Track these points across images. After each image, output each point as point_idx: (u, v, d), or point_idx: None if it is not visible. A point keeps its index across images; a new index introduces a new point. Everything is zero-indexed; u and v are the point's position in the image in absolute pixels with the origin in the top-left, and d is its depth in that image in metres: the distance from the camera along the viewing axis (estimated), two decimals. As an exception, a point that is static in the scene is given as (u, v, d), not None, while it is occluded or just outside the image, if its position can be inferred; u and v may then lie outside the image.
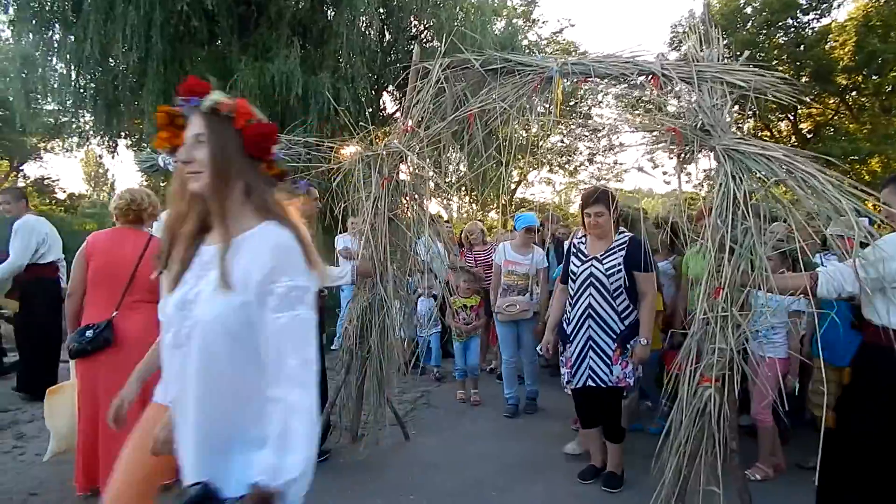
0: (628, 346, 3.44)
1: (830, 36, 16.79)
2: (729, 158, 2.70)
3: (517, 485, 3.70)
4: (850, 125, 17.46)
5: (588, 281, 3.50)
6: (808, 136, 18.03)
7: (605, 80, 3.21)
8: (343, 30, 10.28)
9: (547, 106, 3.54)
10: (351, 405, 4.21)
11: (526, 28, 20.54)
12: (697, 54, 2.95)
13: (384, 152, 3.64)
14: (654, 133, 3.01)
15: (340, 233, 7.13)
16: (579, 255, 3.61)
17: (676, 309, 4.50)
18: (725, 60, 2.92)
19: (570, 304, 3.61)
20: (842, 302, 2.81)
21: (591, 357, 3.47)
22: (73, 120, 12.12)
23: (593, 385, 3.45)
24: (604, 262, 3.47)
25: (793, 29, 17.45)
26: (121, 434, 2.03)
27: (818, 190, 2.50)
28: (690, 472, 2.76)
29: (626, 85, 3.27)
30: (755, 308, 2.69)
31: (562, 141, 21.58)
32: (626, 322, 3.46)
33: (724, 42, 3.03)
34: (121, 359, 2.95)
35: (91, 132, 12.84)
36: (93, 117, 11.71)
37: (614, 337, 3.43)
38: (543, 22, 23.43)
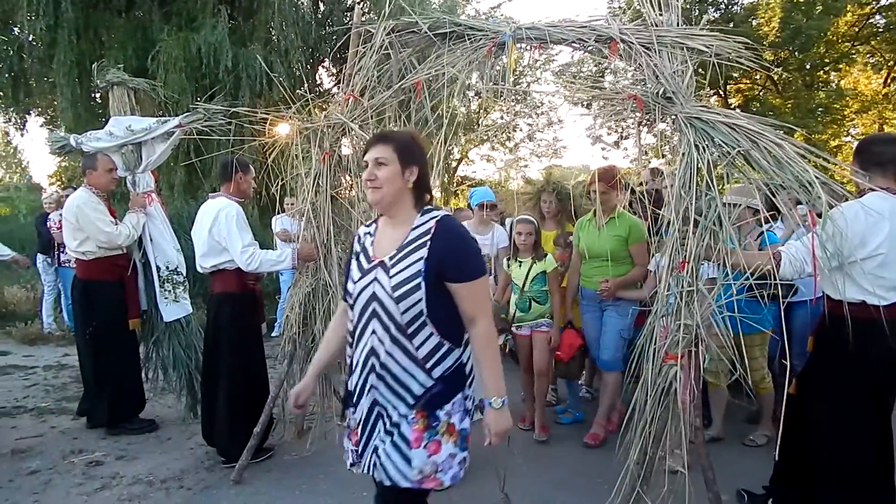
0: (439, 413, 1.90)
1: (758, 12, 17.33)
2: (692, 127, 2.58)
3: (477, 471, 3.55)
4: (776, 100, 18.16)
5: (370, 307, 1.93)
6: (737, 109, 18.66)
7: (561, 46, 3.02)
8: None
9: (496, 75, 3.33)
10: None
11: (464, 3, 20.25)
12: (656, 18, 2.80)
13: (325, 125, 3.35)
14: (613, 102, 2.85)
15: (277, 213, 6.78)
16: (361, 256, 2.05)
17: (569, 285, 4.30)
18: (684, 25, 2.78)
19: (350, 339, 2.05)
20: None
21: (378, 435, 1.96)
22: (-25, 95, 11.08)
23: (388, 485, 1.93)
24: (391, 270, 1.90)
25: (722, 6, 17.92)
26: None
27: (782, 161, 2.42)
28: (655, 453, 2.68)
29: (581, 52, 3.09)
30: (719, 285, 2.58)
31: (502, 117, 21.54)
32: (436, 373, 1.90)
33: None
34: None
35: (-3, 108, 11.80)
36: (-2, 91, 10.74)
37: (412, 402, 1.90)
38: (482, -4, 23.15)
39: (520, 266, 4.06)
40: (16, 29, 9.65)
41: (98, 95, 9.97)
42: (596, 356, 4.15)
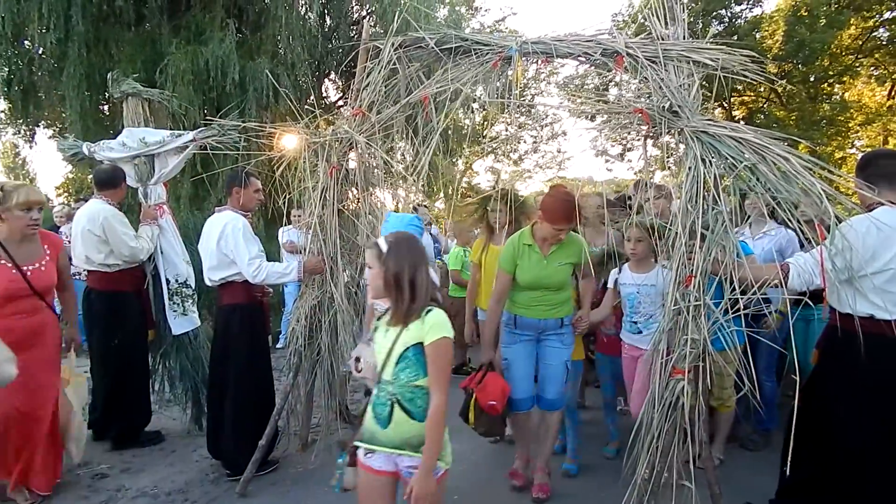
0: None
1: (762, 26, 17.40)
2: (698, 140, 2.59)
3: (484, 486, 3.54)
4: (780, 112, 18.16)
5: None
6: (741, 122, 18.63)
7: (566, 60, 3.05)
8: (281, 13, 9.83)
9: (502, 89, 3.35)
10: (300, 410, 3.97)
11: (469, 16, 20.40)
12: (662, 32, 2.82)
13: (333, 139, 3.38)
14: (619, 115, 2.87)
15: (284, 225, 6.81)
16: None
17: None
18: (690, 38, 2.80)
19: None
20: (717, 289, 2.66)
21: None
22: (-15, 107, 11.19)
23: None
24: None
25: (726, 19, 17.99)
26: None
27: (789, 175, 2.42)
28: (663, 467, 2.66)
29: (586, 66, 3.11)
30: (727, 300, 2.58)
31: (506, 129, 21.61)
32: None
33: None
34: None
35: (6, 120, 11.91)
36: (8, 104, 10.83)
37: None
38: (486, 10, 23.37)
39: (385, 333, 2.17)
40: (27, 42, 9.76)
41: (107, 108, 10.06)
42: (523, 397, 3.38)
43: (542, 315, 3.35)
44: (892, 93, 17.76)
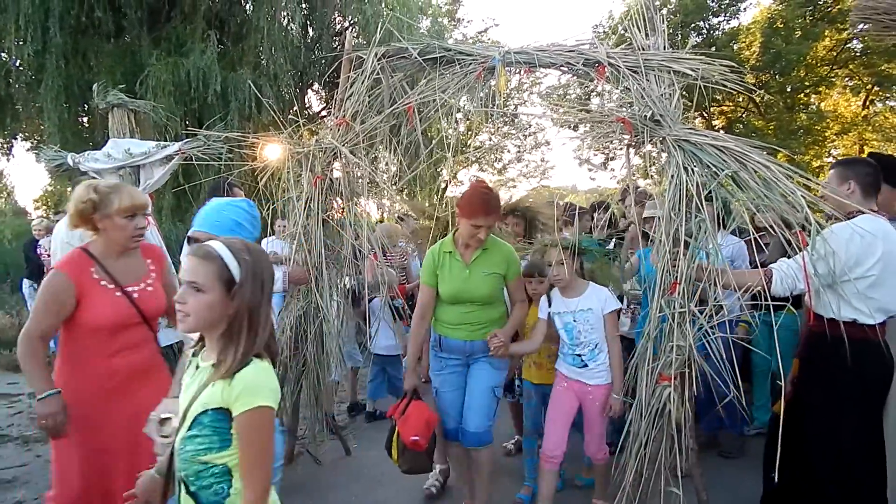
0: None
1: (739, 37, 17.73)
2: (680, 149, 2.62)
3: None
4: (758, 122, 18.48)
5: None
6: (721, 131, 18.92)
7: (549, 70, 3.07)
8: (263, 24, 9.84)
9: (485, 98, 3.37)
10: (286, 421, 3.91)
11: (451, 27, 20.53)
12: (642, 42, 2.86)
13: (316, 149, 3.37)
14: (601, 124, 2.89)
15: (268, 236, 6.76)
16: None
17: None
18: (670, 49, 2.85)
19: None
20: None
21: None
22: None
23: None
24: None
25: (704, 31, 18.31)
26: None
27: (770, 182, 2.46)
28: (651, 474, 2.67)
29: (569, 76, 3.14)
30: (711, 306, 2.60)
31: (490, 139, 21.72)
32: None
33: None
34: None
35: (-18, 133, 11.74)
36: (-17, 116, 10.69)
37: None
38: (468, 21, 23.50)
39: (190, 382, 1.57)
40: (3, 54, 9.66)
41: (86, 120, 9.96)
42: (454, 427, 3.04)
43: (469, 336, 2.95)
44: (867, 103, 18.16)
